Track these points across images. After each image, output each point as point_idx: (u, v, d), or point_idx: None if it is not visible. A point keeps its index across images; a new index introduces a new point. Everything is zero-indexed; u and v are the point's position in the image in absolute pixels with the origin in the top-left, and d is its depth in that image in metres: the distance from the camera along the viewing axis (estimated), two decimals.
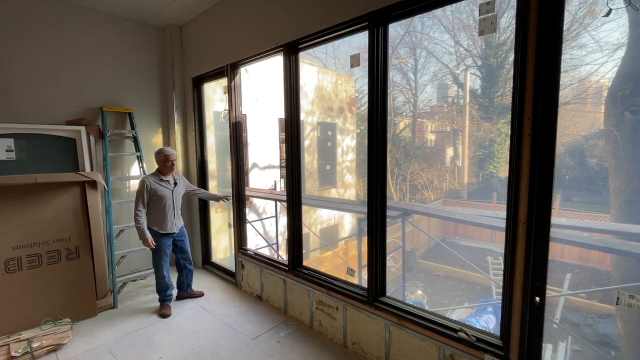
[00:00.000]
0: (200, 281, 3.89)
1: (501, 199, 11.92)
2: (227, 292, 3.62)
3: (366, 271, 2.40)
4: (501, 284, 1.81)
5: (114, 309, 3.23)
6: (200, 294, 3.50)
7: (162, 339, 2.73)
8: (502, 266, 1.80)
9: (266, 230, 6.84)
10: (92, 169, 3.40)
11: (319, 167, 9.65)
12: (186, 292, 3.43)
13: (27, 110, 3.17)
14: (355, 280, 2.85)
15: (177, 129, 4.20)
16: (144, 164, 3.81)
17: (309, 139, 9.24)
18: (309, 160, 9.12)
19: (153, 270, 3.23)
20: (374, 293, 2.37)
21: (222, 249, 5.93)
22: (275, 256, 5.33)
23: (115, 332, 2.83)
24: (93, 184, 3.27)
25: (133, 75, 3.93)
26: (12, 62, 3.10)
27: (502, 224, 2.13)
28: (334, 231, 10.06)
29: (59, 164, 3.25)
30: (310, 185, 9.23)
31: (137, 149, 3.77)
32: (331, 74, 10.20)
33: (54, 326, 2.75)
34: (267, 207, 6.95)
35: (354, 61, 2.56)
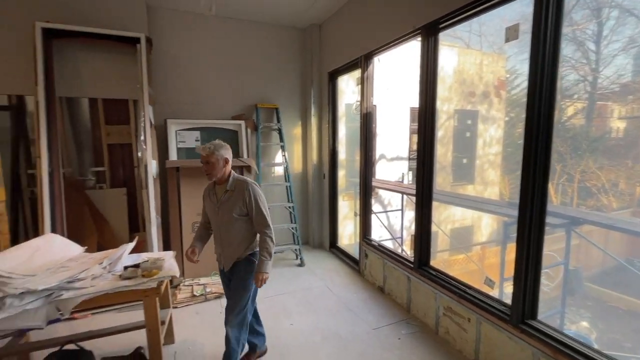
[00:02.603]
0: (326, 263, 4.17)
1: None
2: (350, 277, 3.75)
3: (511, 285, 2.00)
4: None
5: None
6: None
7: (293, 308, 3.07)
8: None
9: (390, 223, 6.73)
10: (247, 156, 4.10)
11: (454, 160, 8.73)
12: None
13: (207, 109, 4.09)
14: (493, 293, 2.44)
15: (313, 121, 4.57)
16: (286, 153, 4.33)
17: (443, 129, 8.46)
18: (442, 152, 8.37)
19: (287, 246, 3.63)
20: (521, 313, 1.96)
21: (347, 235, 6.20)
22: (400, 251, 5.19)
23: (259, 292, 3.36)
24: (248, 168, 3.95)
25: (279, 75, 4.49)
26: (198, 73, 4.04)
27: None
28: (468, 233, 8.98)
29: None
30: (442, 180, 8.48)
31: (281, 139, 4.32)
32: (475, 54, 8.95)
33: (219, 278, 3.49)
34: (392, 199, 6.82)
35: (511, 34, 2.12)
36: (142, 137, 3.25)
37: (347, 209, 6.34)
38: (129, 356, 2.09)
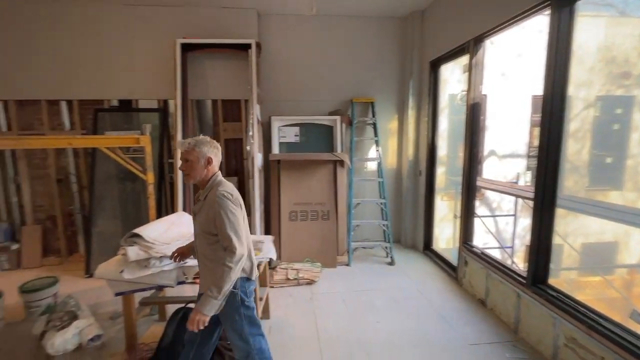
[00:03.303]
0: (419, 265, 3.93)
1: None
2: (445, 283, 3.44)
3: None
4: None
5: (348, 266, 3.89)
6: None
7: (381, 305, 3.00)
8: None
9: (499, 230, 5.89)
10: (342, 151, 4.17)
11: (592, 159, 7.03)
12: None
13: (306, 106, 4.31)
14: None
15: (411, 114, 4.33)
16: (380, 148, 4.23)
17: (578, 120, 6.89)
18: (576, 149, 6.83)
19: (377, 243, 3.56)
20: None
21: (444, 238, 5.71)
22: (509, 262, 4.49)
23: (347, 285, 3.42)
24: (342, 163, 4.02)
25: (376, 68, 4.39)
26: (298, 72, 4.28)
27: None
28: (609, 251, 7.14)
29: (322, 146, 4.21)
30: (572, 183, 6.95)
31: (376, 134, 4.24)
32: (634, 24, 6.96)
33: (311, 266, 3.68)
34: (503, 202, 5.94)
35: None
36: (250, 133, 3.66)
37: (445, 209, 5.83)
38: None
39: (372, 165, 4.50)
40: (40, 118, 3.93)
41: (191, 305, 2.34)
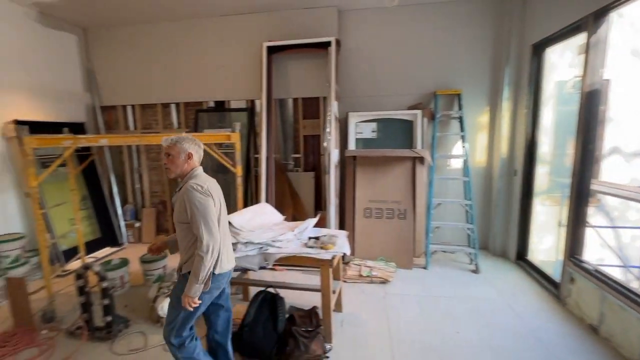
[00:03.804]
0: (510, 276, 3.49)
1: None
2: (543, 301, 2.97)
3: None
4: None
5: (425, 269, 3.68)
6: None
7: (462, 315, 2.75)
8: None
9: (620, 244, 4.82)
10: (422, 147, 3.94)
11: None
12: None
13: (385, 101, 4.19)
14: None
15: (505, 106, 3.84)
16: (466, 144, 3.87)
17: None
18: None
19: (459, 247, 3.27)
20: None
21: (543, 248, 4.94)
22: (635, 285, 3.63)
23: (423, 289, 3.23)
24: (421, 160, 3.80)
25: (463, 57, 4.00)
26: (377, 66, 4.17)
27: None
28: None
29: (399, 142, 4.05)
30: None
31: (462, 128, 3.88)
32: None
33: (385, 264, 3.59)
34: (628, 211, 4.83)
35: None
36: (327, 129, 3.74)
37: (547, 215, 5.03)
38: (308, 311, 2.49)
39: (456, 163, 4.14)
40: (157, 119, 4.70)
41: (270, 289, 2.53)
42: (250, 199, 4.39)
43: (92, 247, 4.17)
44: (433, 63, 4.07)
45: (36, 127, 3.69)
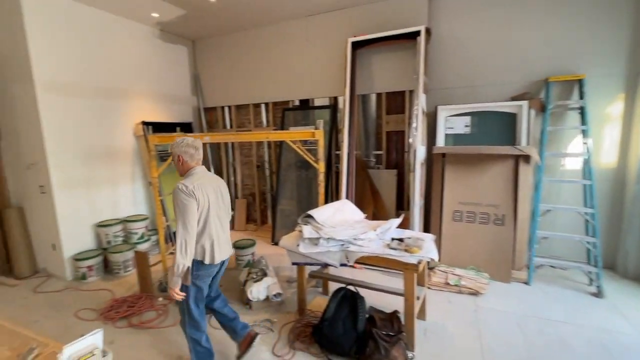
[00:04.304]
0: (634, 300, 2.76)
1: None
2: None
3: None
4: None
5: (527, 285, 3.18)
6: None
7: (580, 348, 2.28)
8: None
9: None
10: (527, 144, 3.40)
11: None
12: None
13: (482, 92, 3.74)
14: None
15: None
16: (589, 140, 3.19)
17: None
18: None
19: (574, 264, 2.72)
20: None
21: None
22: None
23: (524, 308, 2.79)
24: (526, 158, 3.28)
25: (587, 34, 3.28)
26: (473, 54, 3.72)
27: None
28: None
29: (497, 138, 3.56)
30: None
31: (583, 121, 3.21)
32: None
33: (476, 274, 3.22)
34: None
35: None
36: (414, 125, 3.51)
37: None
38: (389, 314, 2.38)
39: (573, 163, 3.46)
40: (249, 118, 5.13)
41: (351, 287, 2.50)
42: (331, 195, 4.45)
43: None
44: (546, 45, 3.45)
45: (157, 127, 4.38)
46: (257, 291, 2.89)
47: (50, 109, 3.39)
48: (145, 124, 4.27)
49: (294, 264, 2.63)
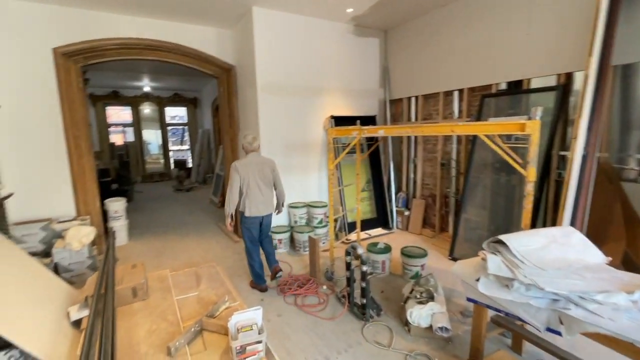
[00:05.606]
0: None
1: None
2: None
3: None
4: None
5: None
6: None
7: None
8: None
9: None
10: None
11: None
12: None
13: None
14: None
15: None
16: None
17: None
18: None
19: None
20: None
21: None
22: None
23: None
24: None
25: None
26: None
27: None
28: None
29: None
30: None
31: None
32: None
33: None
34: None
35: None
36: None
37: None
38: None
39: None
40: (437, 109, 4.48)
41: None
42: (544, 215, 3.20)
43: (367, 225, 4.76)
44: None
45: (341, 121, 4.54)
46: (418, 316, 2.41)
47: (264, 106, 4.15)
48: (333, 118, 4.54)
49: (469, 300, 1.98)
